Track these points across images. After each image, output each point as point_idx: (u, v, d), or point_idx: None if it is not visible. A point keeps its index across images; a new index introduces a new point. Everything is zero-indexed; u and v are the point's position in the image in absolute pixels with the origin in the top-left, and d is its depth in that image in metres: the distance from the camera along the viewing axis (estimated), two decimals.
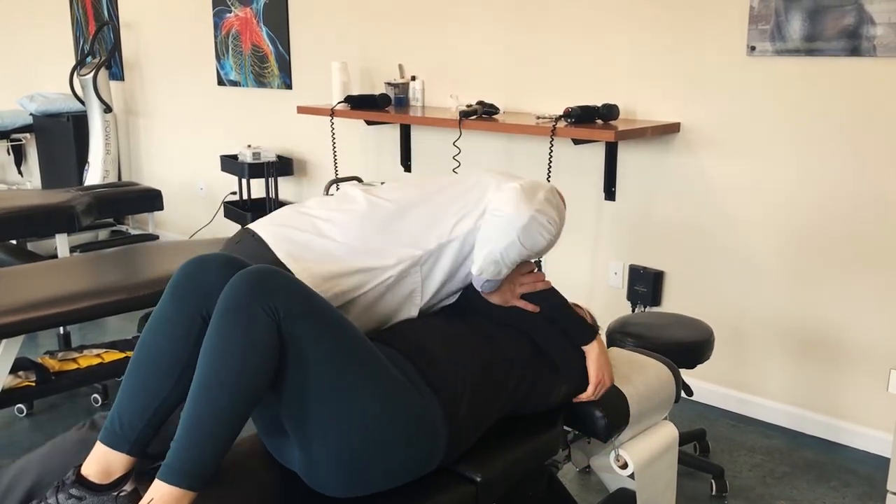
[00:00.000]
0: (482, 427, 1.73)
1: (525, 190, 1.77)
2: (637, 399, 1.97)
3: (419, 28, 3.97)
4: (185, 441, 1.40)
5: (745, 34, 2.93)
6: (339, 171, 4.27)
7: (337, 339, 1.51)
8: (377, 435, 1.53)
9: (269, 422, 1.65)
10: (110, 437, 1.52)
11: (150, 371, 1.53)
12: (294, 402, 1.50)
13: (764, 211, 3.02)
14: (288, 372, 1.47)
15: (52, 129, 5.94)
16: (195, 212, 5.51)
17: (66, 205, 3.93)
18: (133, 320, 3.58)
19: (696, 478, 2.72)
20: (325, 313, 1.51)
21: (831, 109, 2.81)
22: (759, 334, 3.12)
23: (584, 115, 3.10)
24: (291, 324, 1.45)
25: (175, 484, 1.39)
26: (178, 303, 1.55)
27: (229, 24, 4.98)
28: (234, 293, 1.45)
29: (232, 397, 1.41)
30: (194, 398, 1.42)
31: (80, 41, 6.26)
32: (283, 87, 4.74)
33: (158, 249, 3.53)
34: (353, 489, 1.56)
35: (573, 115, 3.11)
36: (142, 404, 1.52)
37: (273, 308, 1.43)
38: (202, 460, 1.41)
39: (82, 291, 2.82)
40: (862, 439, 2.93)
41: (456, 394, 1.66)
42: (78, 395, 3.34)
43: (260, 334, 1.42)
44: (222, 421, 1.41)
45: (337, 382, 1.49)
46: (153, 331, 1.56)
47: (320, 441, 1.51)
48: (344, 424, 1.50)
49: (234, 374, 1.41)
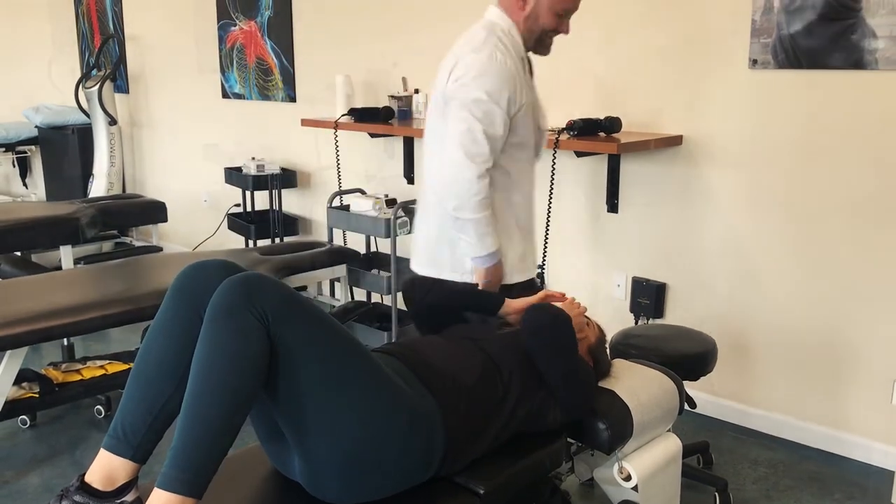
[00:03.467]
0: (481, 441, 1.73)
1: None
2: (640, 411, 1.97)
3: (422, 41, 3.99)
4: (181, 448, 1.41)
5: (747, 48, 2.94)
6: (343, 183, 4.28)
7: (329, 343, 1.52)
8: (375, 440, 1.54)
9: (268, 428, 1.66)
10: (114, 444, 1.53)
11: (151, 375, 1.55)
12: (290, 408, 1.51)
13: (766, 223, 3.03)
14: (281, 377, 1.48)
15: (57, 142, 5.96)
16: (199, 224, 5.52)
17: (71, 217, 3.95)
18: (137, 332, 3.59)
19: (699, 490, 2.71)
20: (316, 318, 1.53)
21: (833, 122, 2.82)
22: (761, 346, 3.12)
23: (586, 127, 3.11)
24: (281, 328, 1.46)
25: (174, 491, 1.40)
26: (177, 307, 1.57)
27: (234, 38, 5.01)
28: (223, 298, 1.46)
29: (225, 402, 1.42)
30: (188, 405, 1.43)
31: (85, 54, 6.30)
32: (287, 100, 4.77)
33: (162, 261, 3.54)
34: (354, 496, 1.57)
35: (576, 128, 3.12)
36: (144, 409, 1.53)
37: (262, 312, 1.45)
38: (200, 467, 1.42)
39: (86, 303, 2.83)
40: (865, 451, 2.92)
41: (453, 401, 1.66)
42: (81, 406, 3.34)
43: (250, 338, 1.43)
44: (217, 426, 1.42)
45: (332, 386, 1.51)
46: (154, 336, 1.58)
47: (318, 445, 1.52)
48: (341, 428, 1.52)
49: (226, 380, 1.42)
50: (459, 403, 1.67)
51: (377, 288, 3.89)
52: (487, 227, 2.15)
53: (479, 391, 1.72)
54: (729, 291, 3.16)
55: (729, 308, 3.18)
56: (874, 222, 2.79)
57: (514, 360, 1.82)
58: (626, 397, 1.97)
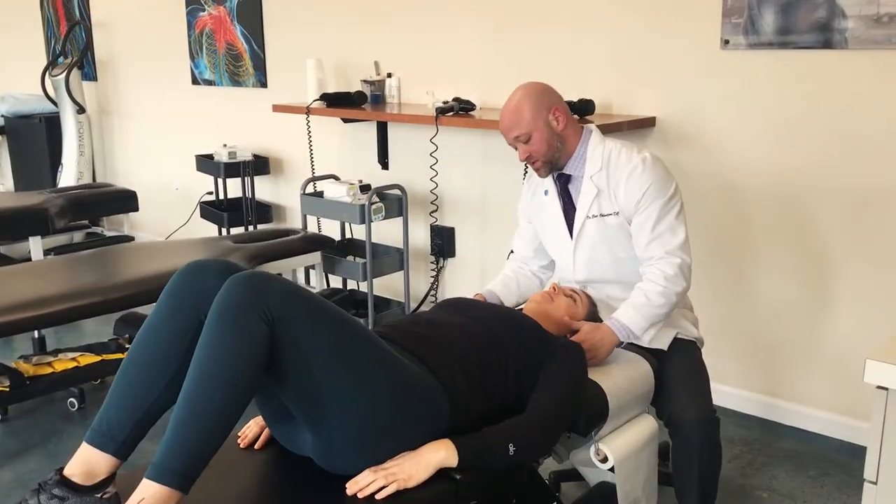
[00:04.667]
0: (479, 404, 1.75)
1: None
2: (616, 393, 1.98)
3: (395, 25, 3.96)
4: (176, 442, 1.41)
5: (718, 28, 2.94)
6: (316, 169, 4.25)
7: (337, 334, 1.55)
8: (389, 414, 1.59)
9: (276, 410, 1.67)
10: (97, 438, 1.51)
11: (142, 372, 1.54)
12: (302, 395, 1.54)
13: (738, 204, 3.04)
14: (291, 369, 1.50)
15: (24, 131, 5.86)
16: (171, 213, 5.46)
17: (40, 207, 3.89)
18: (109, 323, 3.54)
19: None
20: (323, 310, 1.55)
21: (805, 102, 2.83)
22: (737, 327, 3.14)
23: None
24: (288, 325, 1.47)
25: (165, 483, 1.39)
26: (174, 306, 1.57)
27: (203, 23, 4.94)
28: (228, 297, 1.47)
29: (223, 398, 1.43)
30: (186, 398, 1.43)
31: (51, 41, 6.18)
32: (258, 86, 4.71)
33: (134, 251, 3.50)
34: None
35: None
36: (132, 405, 1.53)
37: (267, 311, 1.46)
38: (192, 460, 1.42)
39: (57, 294, 2.79)
40: (838, 428, 2.95)
41: (453, 372, 1.70)
42: (54, 399, 3.29)
43: (253, 337, 1.44)
44: (213, 421, 1.43)
45: (342, 372, 1.54)
46: (148, 332, 1.57)
47: (335, 426, 1.56)
48: (354, 408, 1.55)
49: (226, 376, 1.43)
50: (459, 374, 1.71)
51: (353, 275, 3.87)
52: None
53: (475, 357, 1.77)
54: (703, 273, 3.17)
55: (700, 289, 3.19)
56: (846, 201, 2.81)
57: (510, 331, 1.87)
58: (602, 380, 1.98)
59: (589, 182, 2.21)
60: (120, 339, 3.25)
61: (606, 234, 2.21)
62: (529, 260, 2.48)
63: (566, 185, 2.27)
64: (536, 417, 1.75)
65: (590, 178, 2.21)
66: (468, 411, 1.72)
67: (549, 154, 2.19)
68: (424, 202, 3.97)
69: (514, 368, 1.81)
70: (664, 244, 2.15)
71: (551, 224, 2.32)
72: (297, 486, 1.63)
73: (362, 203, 3.65)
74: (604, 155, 2.20)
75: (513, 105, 2.17)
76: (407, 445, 1.62)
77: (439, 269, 4.05)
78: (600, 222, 2.21)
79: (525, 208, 2.44)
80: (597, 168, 2.20)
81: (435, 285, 4.06)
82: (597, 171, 2.20)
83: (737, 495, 2.62)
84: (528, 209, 2.42)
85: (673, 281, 2.12)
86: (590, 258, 2.26)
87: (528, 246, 2.47)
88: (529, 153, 2.18)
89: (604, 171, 2.19)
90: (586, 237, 2.23)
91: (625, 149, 2.21)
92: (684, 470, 2.06)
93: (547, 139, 2.16)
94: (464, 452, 1.61)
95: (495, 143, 3.68)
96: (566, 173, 2.25)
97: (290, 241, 3.66)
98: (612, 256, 2.24)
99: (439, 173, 3.82)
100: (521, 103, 2.16)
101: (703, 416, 2.04)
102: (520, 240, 2.49)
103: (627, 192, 2.16)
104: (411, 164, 4.02)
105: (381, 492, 1.54)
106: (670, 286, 2.12)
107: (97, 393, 3.34)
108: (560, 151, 2.20)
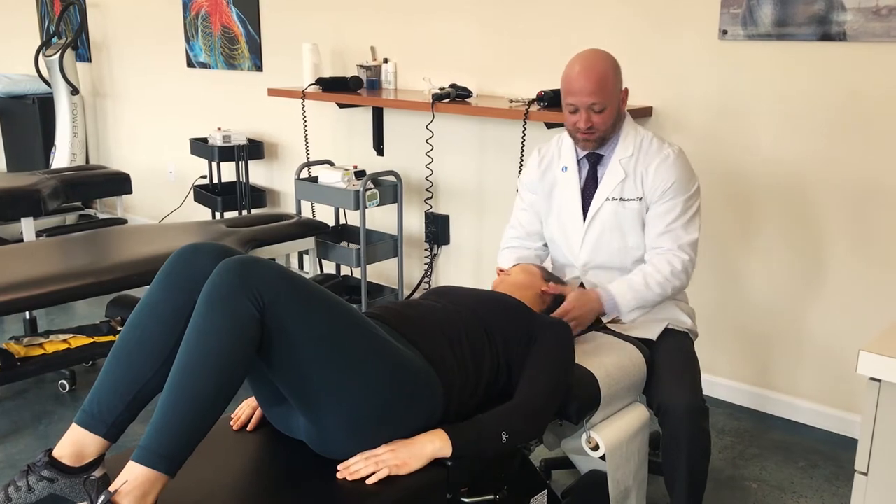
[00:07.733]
0: (470, 385, 1.76)
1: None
2: (608, 381, 1.98)
3: (392, 10, 3.94)
4: (164, 426, 1.40)
5: (717, 18, 2.94)
6: (311, 154, 4.23)
7: (329, 320, 1.54)
8: (381, 398, 1.58)
9: (270, 394, 1.67)
10: (87, 419, 1.51)
11: (134, 355, 1.54)
12: (294, 380, 1.53)
13: (733, 195, 3.04)
14: (283, 354, 1.49)
15: (17, 112, 5.82)
16: (165, 196, 5.44)
17: (32, 188, 3.87)
18: (101, 305, 3.53)
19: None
20: (314, 295, 1.54)
21: (802, 94, 2.83)
22: (729, 320, 3.15)
23: (556, 98, 3.07)
24: (279, 309, 1.47)
25: (151, 466, 1.39)
26: (168, 289, 1.56)
27: (198, 5, 4.91)
28: (219, 281, 1.46)
29: (212, 383, 1.42)
30: (174, 382, 1.42)
31: (45, 21, 6.14)
32: (253, 70, 4.69)
33: (127, 233, 3.48)
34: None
35: (546, 99, 3.10)
36: (124, 388, 1.52)
37: (258, 296, 1.45)
38: (179, 444, 1.41)
39: (49, 275, 2.77)
40: (829, 420, 2.97)
41: (443, 353, 1.72)
42: (45, 381, 3.29)
43: (243, 322, 1.44)
44: (201, 406, 1.42)
45: (334, 358, 1.53)
46: (141, 315, 1.57)
47: (325, 410, 1.55)
48: (347, 394, 1.55)
49: (215, 361, 1.42)
50: (447, 356, 1.72)
51: (347, 260, 3.87)
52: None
53: (464, 338, 1.78)
54: (697, 263, 3.17)
55: (695, 281, 3.19)
56: (844, 191, 2.81)
57: (495, 312, 1.88)
58: (593, 368, 1.98)
59: (617, 164, 2.22)
60: (112, 322, 3.23)
61: (621, 219, 2.22)
62: (534, 237, 2.43)
63: (595, 165, 2.28)
64: (527, 403, 1.76)
65: (618, 160, 2.22)
66: (460, 392, 1.73)
67: (610, 131, 2.20)
68: (419, 189, 3.96)
69: (502, 348, 1.82)
70: (677, 238, 2.18)
71: (564, 201, 2.31)
72: (289, 470, 1.63)
73: (357, 189, 3.64)
74: (636, 141, 2.23)
75: (599, 71, 2.14)
76: (400, 429, 1.62)
77: (433, 257, 4.05)
78: (619, 206, 2.22)
79: (532, 182, 2.38)
80: (628, 153, 2.22)
81: (429, 272, 4.06)
82: (628, 156, 2.22)
83: (727, 486, 2.63)
84: (534, 183, 2.38)
85: (676, 276, 2.17)
86: (598, 241, 2.26)
87: (533, 221, 2.41)
88: (594, 123, 2.17)
89: (634, 157, 2.21)
90: (600, 219, 2.24)
91: (657, 138, 2.24)
92: (673, 458, 2.06)
93: (614, 115, 2.18)
94: (458, 443, 1.62)
95: (491, 130, 3.67)
96: (599, 153, 2.26)
97: (283, 225, 3.64)
98: (620, 243, 2.24)
99: (435, 160, 3.80)
100: (608, 73, 2.15)
101: (691, 405, 2.04)
102: (524, 214, 2.43)
103: (655, 180, 2.18)
104: (407, 150, 4.01)
105: (372, 477, 1.55)
106: (672, 279, 2.16)
107: (88, 375, 3.33)
108: (613, 131, 2.23)
